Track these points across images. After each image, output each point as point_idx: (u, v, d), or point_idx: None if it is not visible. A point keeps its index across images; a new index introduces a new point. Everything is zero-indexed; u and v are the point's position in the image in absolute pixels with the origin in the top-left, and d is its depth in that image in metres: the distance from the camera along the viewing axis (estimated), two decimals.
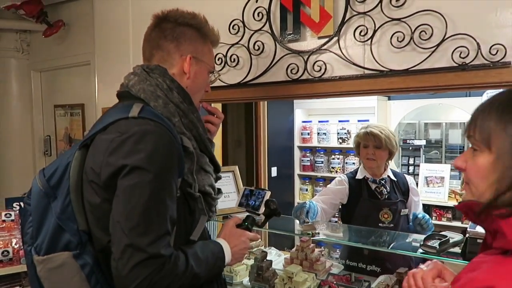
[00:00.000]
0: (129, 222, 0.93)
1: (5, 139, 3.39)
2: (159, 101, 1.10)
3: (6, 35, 3.28)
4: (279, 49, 1.75)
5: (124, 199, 0.95)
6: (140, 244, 0.92)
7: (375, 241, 1.89)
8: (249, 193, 1.53)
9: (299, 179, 4.58)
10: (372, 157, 2.24)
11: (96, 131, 1.06)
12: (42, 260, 1.03)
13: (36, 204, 1.07)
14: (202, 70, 1.22)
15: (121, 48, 2.40)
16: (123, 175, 0.96)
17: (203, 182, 1.15)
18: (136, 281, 0.91)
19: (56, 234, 1.02)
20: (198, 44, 1.21)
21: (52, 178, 1.06)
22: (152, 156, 0.97)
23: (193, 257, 1.04)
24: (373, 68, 1.53)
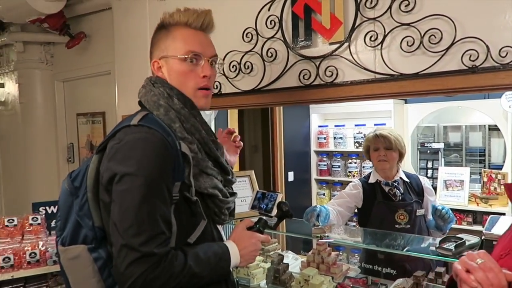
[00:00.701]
0: (123, 224, 1.00)
1: (31, 146, 3.52)
2: (161, 109, 1.16)
3: (31, 47, 3.42)
4: (291, 55, 1.79)
5: (118, 203, 1.03)
6: (133, 244, 0.98)
7: (390, 244, 1.90)
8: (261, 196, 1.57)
9: (316, 183, 4.58)
10: (384, 158, 2.26)
11: (109, 136, 1.14)
12: (63, 250, 1.14)
13: (63, 202, 1.18)
14: (172, 64, 1.20)
15: (140, 58, 2.48)
16: (116, 180, 1.03)
17: (205, 185, 1.18)
18: (132, 279, 0.98)
19: (76, 229, 1.12)
20: (162, 43, 1.22)
21: (76, 180, 1.16)
22: (141, 162, 1.03)
23: (193, 257, 1.08)
24: (383, 72, 1.55)
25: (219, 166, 1.25)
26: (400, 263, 2.16)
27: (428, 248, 1.83)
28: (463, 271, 0.89)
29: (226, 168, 1.27)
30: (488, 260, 0.89)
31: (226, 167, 1.27)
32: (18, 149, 3.61)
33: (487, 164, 4.03)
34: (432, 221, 2.22)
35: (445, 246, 1.67)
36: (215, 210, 1.22)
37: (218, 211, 1.23)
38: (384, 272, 2.17)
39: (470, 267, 0.88)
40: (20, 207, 3.39)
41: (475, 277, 0.87)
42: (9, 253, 1.88)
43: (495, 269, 0.87)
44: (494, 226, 1.63)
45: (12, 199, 3.80)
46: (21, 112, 3.53)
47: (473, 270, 0.87)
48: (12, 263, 1.86)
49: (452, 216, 2.12)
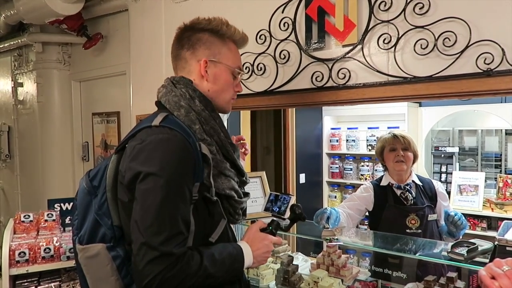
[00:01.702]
0: (144, 222, 1.01)
1: (47, 144, 3.59)
2: (182, 110, 1.18)
3: (49, 48, 3.49)
4: (304, 57, 1.79)
5: (140, 202, 1.04)
6: (153, 243, 0.99)
7: (401, 248, 1.88)
8: (274, 198, 1.57)
9: (327, 186, 4.56)
10: (401, 159, 2.23)
11: (128, 137, 1.16)
12: (81, 249, 1.15)
13: (81, 200, 1.19)
14: (222, 71, 1.26)
15: (155, 59, 2.52)
16: (139, 180, 1.05)
17: (223, 186, 1.20)
18: (149, 277, 0.99)
19: (95, 227, 1.14)
20: (215, 47, 1.25)
21: (95, 179, 1.18)
22: (164, 162, 1.04)
23: (209, 258, 1.09)
24: (397, 75, 1.55)
25: (235, 168, 1.27)
26: (410, 267, 2.13)
27: (439, 253, 1.81)
28: (488, 277, 0.88)
29: (242, 170, 1.30)
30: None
31: (242, 169, 1.29)
32: (35, 147, 3.70)
33: (503, 169, 3.96)
34: (444, 227, 2.19)
35: (457, 250, 1.64)
36: (230, 210, 1.25)
37: (233, 211, 1.25)
38: (395, 276, 2.15)
39: (495, 273, 0.88)
40: (36, 203, 3.48)
41: (500, 283, 0.86)
42: (25, 248, 1.93)
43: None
44: (508, 231, 1.60)
45: (29, 196, 3.88)
46: (39, 111, 3.61)
47: (498, 277, 0.87)
48: (27, 257, 1.91)
49: (465, 223, 2.08)
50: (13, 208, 4.04)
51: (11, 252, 1.90)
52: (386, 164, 2.34)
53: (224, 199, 1.23)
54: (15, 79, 3.86)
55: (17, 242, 1.98)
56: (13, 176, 4.04)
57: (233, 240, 1.28)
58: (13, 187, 4.08)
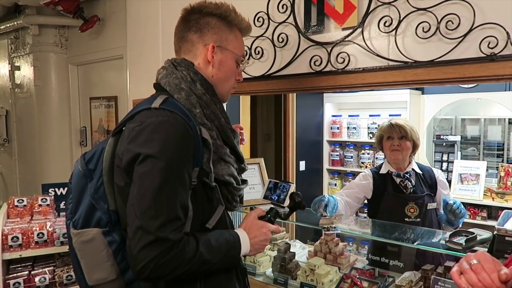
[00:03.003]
0: (141, 206, 0.99)
1: (45, 129, 3.57)
2: (182, 93, 1.14)
3: (46, 31, 3.44)
4: (302, 41, 1.74)
5: (138, 184, 1.01)
6: (149, 227, 0.97)
7: (399, 237, 1.86)
8: (273, 186, 1.54)
9: (328, 173, 4.55)
10: (397, 148, 2.20)
11: (126, 119, 1.13)
12: (76, 233, 1.12)
13: (76, 184, 1.16)
14: (228, 58, 1.24)
15: (152, 43, 2.47)
16: (138, 162, 1.02)
17: (222, 172, 1.18)
18: (144, 261, 0.97)
19: (90, 212, 1.11)
20: (223, 33, 1.22)
21: (91, 162, 1.15)
22: (164, 145, 1.01)
23: (205, 244, 1.07)
24: (397, 59, 1.50)
25: (235, 154, 1.24)
26: (408, 256, 2.12)
27: (438, 242, 1.79)
28: (457, 273, 0.88)
29: (241, 157, 1.27)
30: (483, 260, 0.87)
31: (241, 156, 1.27)
32: (32, 131, 3.68)
33: (505, 158, 3.92)
34: (443, 215, 2.17)
35: (455, 240, 1.62)
36: (228, 197, 1.23)
37: (231, 198, 1.23)
38: (392, 264, 2.14)
39: (462, 268, 0.87)
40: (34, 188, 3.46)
41: (466, 279, 0.85)
42: (18, 233, 1.91)
43: (488, 270, 0.84)
44: (507, 221, 1.57)
45: (27, 181, 3.87)
46: (36, 95, 3.58)
47: (464, 272, 0.86)
48: (20, 242, 1.89)
49: (463, 212, 2.05)
50: (12, 192, 4.04)
51: (3, 236, 1.88)
52: (386, 155, 2.31)
53: (223, 186, 1.21)
54: (12, 62, 3.82)
55: (10, 226, 1.96)
56: (12, 160, 4.03)
57: (231, 227, 1.26)
58: (11, 172, 4.07)
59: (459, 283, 0.86)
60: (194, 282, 1.13)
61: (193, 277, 1.12)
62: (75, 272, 1.20)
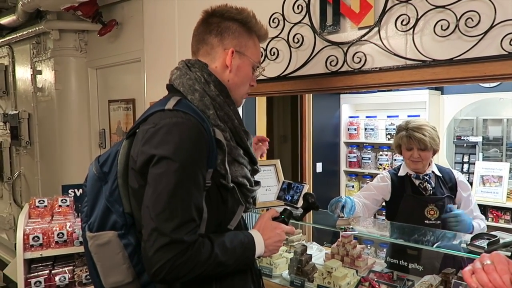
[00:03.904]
0: (156, 208, 0.99)
1: (65, 132, 3.64)
2: (196, 94, 1.14)
3: (66, 36, 3.51)
4: (318, 41, 1.73)
5: (152, 186, 1.01)
6: (164, 229, 0.97)
7: (418, 239, 1.82)
8: (287, 187, 1.53)
9: (345, 175, 4.50)
10: (417, 159, 2.15)
11: (139, 121, 1.13)
12: (92, 237, 1.13)
13: (91, 187, 1.17)
14: (245, 64, 1.24)
15: (168, 45, 2.49)
16: (153, 164, 1.02)
17: (236, 174, 1.17)
18: (159, 263, 0.97)
19: (105, 215, 1.11)
20: (242, 39, 1.22)
21: (105, 165, 1.15)
22: (179, 147, 1.01)
23: (220, 246, 1.07)
24: (415, 58, 1.47)
25: (248, 156, 1.24)
26: (428, 259, 2.07)
27: (459, 245, 1.75)
28: (469, 273, 0.86)
29: (254, 158, 1.27)
30: (497, 261, 0.85)
31: (254, 157, 1.27)
32: (53, 133, 3.75)
33: None
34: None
35: (477, 243, 1.58)
36: (241, 199, 1.21)
37: (244, 199, 1.22)
38: (411, 267, 2.09)
39: (475, 268, 0.86)
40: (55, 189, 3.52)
41: (476, 278, 0.84)
42: (39, 233, 1.95)
43: (500, 272, 0.82)
44: None
45: (48, 182, 3.96)
46: (57, 98, 3.65)
47: (476, 272, 0.85)
48: (41, 242, 1.94)
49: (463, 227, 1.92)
50: (34, 194, 4.13)
51: (25, 236, 1.93)
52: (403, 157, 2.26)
53: (237, 187, 1.19)
54: (34, 67, 3.91)
55: (31, 226, 2.01)
56: (33, 162, 4.12)
57: (245, 228, 1.27)
58: (33, 173, 4.16)
59: (469, 282, 0.85)
60: (209, 284, 1.13)
61: (209, 278, 1.11)
62: (91, 275, 1.21)
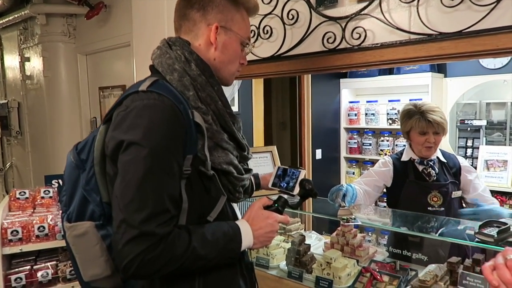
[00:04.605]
0: (124, 198, 0.92)
1: (55, 120, 3.54)
2: (175, 74, 1.06)
3: (54, 20, 3.38)
4: (314, 17, 1.61)
5: (121, 174, 0.95)
6: (133, 221, 0.90)
7: (422, 227, 1.72)
8: (282, 173, 1.42)
9: (345, 161, 4.42)
10: (431, 145, 2.03)
11: (115, 105, 1.05)
12: (69, 227, 1.07)
13: (69, 175, 1.11)
14: (232, 40, 1.14)
15: (157, 28, 2.37)
16: (122, 150, 0.95)
17: (219, 160, 1.09)
18: (128, 257, 0.90)
19: (83, 204, 1.06)
20: (228, 12, 1.13)
21: (83, 152, 1.09)
22: (149, 131, 0.94)
23: (199, 238, 0.99)
24: (420, 32, 1.35)
25: (234, 141, 1.15)
26: (432, 247, 1.98)
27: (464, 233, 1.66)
28: (489, 269, 0.78)
29: (242, 143, 1.18)
30: None
31: (241, 142, 1.17)
32: (43, 123, 3.65)
33: None
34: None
35: (486, 231, 1.48)
36: (229, 187, 1.13)
37: (232, 188, 1.14)
38: (414, 256, 2.00)
39: (497, 264, 0.78)
40: None
41: (498, 275, 0.76)
42: (17, 227, 1.85)
43: None
44: None
45: (40, 172, 3.83)
46: (46, 86, 3.53)
47: (497, 268, 0.77)
48: (21, 236, 1.83)
49: None
50: (26, 185, 4.04)
51: (3, 230, 1.82)
52: (411, 144, 2.13)
53: (222, 175, 1.11)
54: (22, 54, 3.78)
55: (10, 220, 1.90)
56: (25, 152, 4.02)
57: (234, 219, 1.16)
58: (25, 164, 4.07)
59: (490, 279, 0.77)
60: (192, 279, 1.05)
61: (191, 273, 1.04)
62: (73, 268, 1.15)
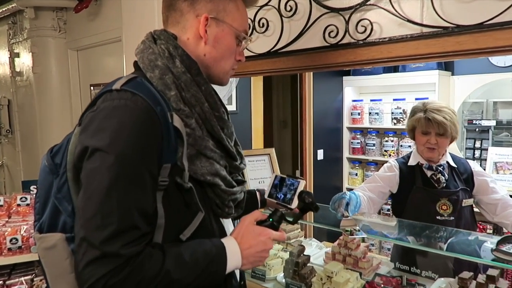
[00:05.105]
0: (86, 212, 0.82)
1: (46, 119, 3.40)
2: (156, 71, 0.94)
3: (43, 14, 3.23)
4: (314, 8, 1.45)
5: (84, 185, 0.84)
6: (94, 239, 0.79)
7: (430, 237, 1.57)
8: (279, 183, 1.27)
9: (348, 162, 4.28)
10: (433, 146, 1.88)
11: (89, 104, 0.94)
12: (39, 238, 0.97)
13: (42, 181, 1.00)
14: (225, 33, 1.02)
15: (147, 22, 2.22)
16: (87, 157, 0.85)
17: (202, 170, 0.95)
18: (89, 281, 0.79)
19: (55, 214, 0.95)
20: (220, 1, 1.01)
21: (57, 155, 0.98)
22: (116, 135, 0.82)
23: (175, 259, 0.87)
24: (434, 24, 1.19)
25: (223, 149, 1.01)
26: (441, 259, 1.84)
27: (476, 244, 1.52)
28: None
29: (232, 152, 1.04)
30: None
31: (231, 151, 1.03)
32: (33, 121, 3.51)
33: None
34: None
35: (504, 248, 1.34)
36: (216, 202, 1.00)
37: (220, 202, 1.00)
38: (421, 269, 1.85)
39: None
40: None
41: None
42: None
43: None
44: None
45: (31, 173, 3.72)
46: (35, 82, 3.39)
47: None
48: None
49: None
50: (17, 186, 3.89)
51: None
52: (416, 145, 1.99)
53: (208, 187, 0.98)
54: (11, 49, 3.64)
55: None
56: (15, 152, 3.89)
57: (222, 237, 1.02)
58: (16, 164, 3.93)
59: None
60: None
61: None
62: (45, 282, 1.02)
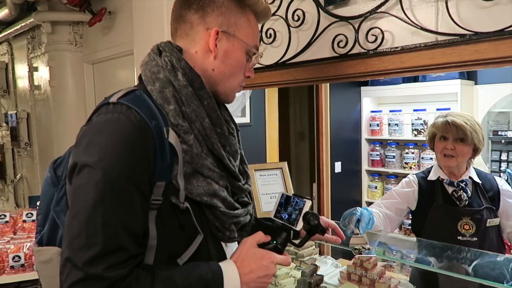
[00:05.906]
0: (71, 230, 0.79)
1: (62, 132, 3.43)
2: (156, 84, 0.91)
3: (60, 28, 3.28)
4: (323, 17, 1.39)
5: (71, 202, 0.83)
6: (77, 260, 0.76)
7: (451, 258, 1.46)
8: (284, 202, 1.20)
9: (367, 175, 4.16)
10: (451, 152, 1.77)
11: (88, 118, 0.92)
12: (36, 251, 0.98)
13: (45, 193, 1.00)
14: (236, 48, 0.98)
15: (157, 35, 2.21)
16: (76, 172, 0.83)
17: (198, 190, 0.89)
18: None
19: (54, 226, 0.95)
20: (232, 15, 0.97)
21: (59, 167, 0.99)
22: (105, 151, 0.80)
23: (164, 283, 0.81)
24: (450, 32, 1.11)
25: (223, 168, 0.95)
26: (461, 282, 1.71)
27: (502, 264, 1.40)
28: None
29: (233, 172, 0.98)
30: None
31: (232, 170, 0.97)
32: (50, 133, 3.55)
33: None
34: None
35: None
36: (216, 224, 0.94)
37: (220, 225, 0.94)
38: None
39: None
40: None
41: None
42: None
43: None
44: None
45: None
46: (52, 96, 3.43)
47: None
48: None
49: None
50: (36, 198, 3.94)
51: None
52: (435, 154, 1.89)
53: (206, 208, 0.92)
54: (30, 63, 3.72)
55: None
56: (33, 164, 3.94)
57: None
58: (34, 176, 3.99)
59: None
60: None
61: None
62: None
